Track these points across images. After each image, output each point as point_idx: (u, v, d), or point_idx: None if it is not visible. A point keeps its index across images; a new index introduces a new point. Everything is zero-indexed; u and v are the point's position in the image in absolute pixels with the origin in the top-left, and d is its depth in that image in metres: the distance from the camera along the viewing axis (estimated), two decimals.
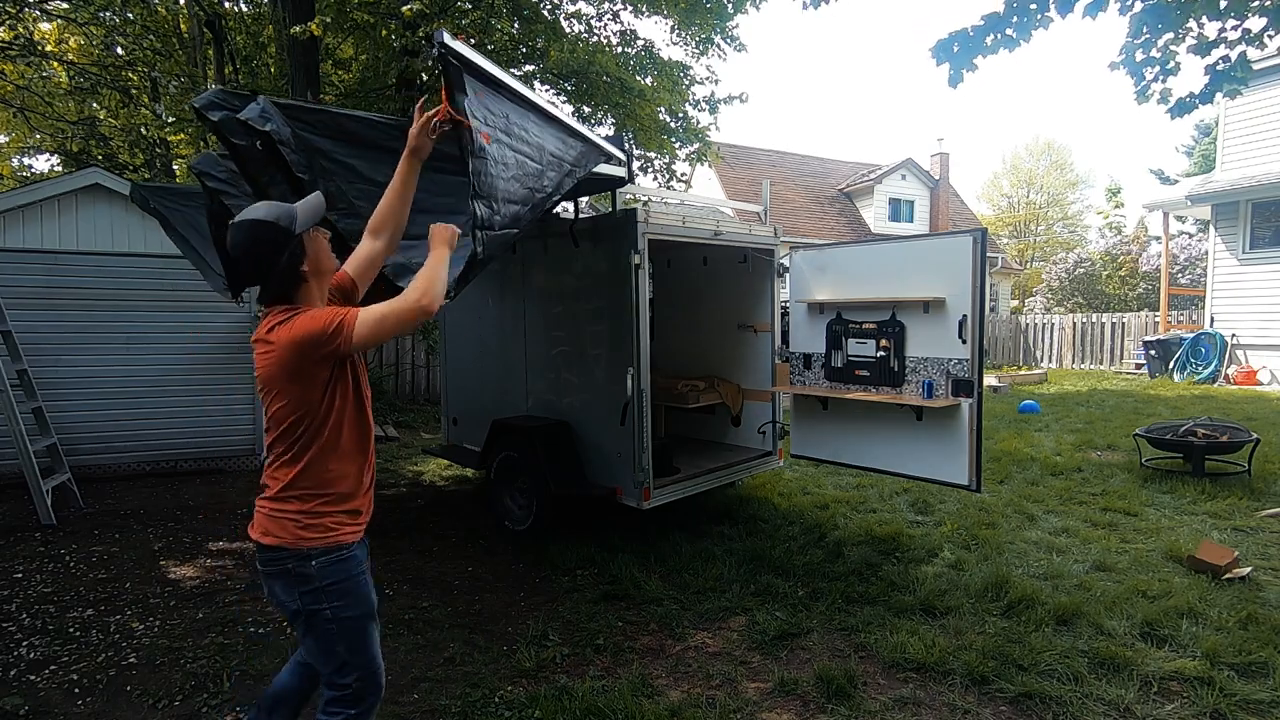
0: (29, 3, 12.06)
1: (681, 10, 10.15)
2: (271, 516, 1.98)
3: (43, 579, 4.27)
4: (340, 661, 2.02)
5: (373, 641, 2.09)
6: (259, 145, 2.60)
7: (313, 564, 1.96)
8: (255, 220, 1.98)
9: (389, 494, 6.39)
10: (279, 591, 2.00)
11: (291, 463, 1.97)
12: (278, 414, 1.95)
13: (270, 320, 1.98)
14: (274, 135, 2.57)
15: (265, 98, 2.66)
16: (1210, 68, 4.83)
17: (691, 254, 5.93)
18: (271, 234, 1.96)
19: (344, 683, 2.03)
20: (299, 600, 1.98)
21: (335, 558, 1.98)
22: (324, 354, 1.90)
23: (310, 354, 1.90)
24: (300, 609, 1.98)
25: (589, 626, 3.61)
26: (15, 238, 7.36)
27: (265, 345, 1.94)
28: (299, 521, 1.96)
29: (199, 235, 4.62)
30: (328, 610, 1.98)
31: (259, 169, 2.67)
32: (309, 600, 1.97)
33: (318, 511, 1.98)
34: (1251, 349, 13.18)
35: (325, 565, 1.97)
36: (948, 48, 4.92)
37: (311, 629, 2.00)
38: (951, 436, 4.35)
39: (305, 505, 1.97)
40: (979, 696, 2.97)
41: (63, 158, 16.38)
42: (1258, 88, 12.66)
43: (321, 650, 2.03)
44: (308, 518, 1.97)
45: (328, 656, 2.03)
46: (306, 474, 1.98)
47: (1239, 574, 4.06)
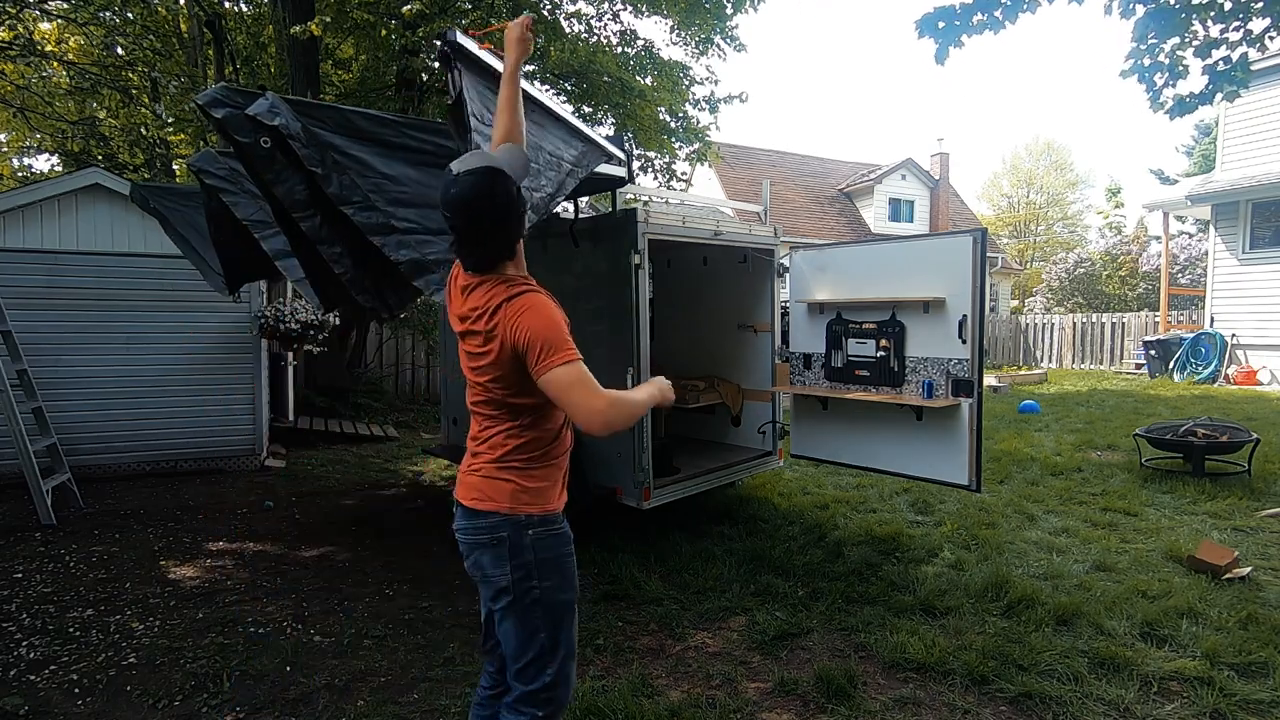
0: (29, 3, 12.06)
1: (681, 10, 10.15)
2: (490, 479, 1.82)
3: (43, 579, 4.27)
4: (540, 649, 1.84)
5: (575, 635, 1.92)
6: (264, 142, 2.59)
7: (529, 534, 1.81)
8: (495, 170, 1.74)
9: (389, 494, 6.39)
10: (488, 565, 1.82)
11: (514, 430, 1.83)
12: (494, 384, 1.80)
13: (490, 291, 1.78)
14: (283, 130, 2.56)
15: (273, 93, 2.65)
16: (1209, 68, 4.83)
17: (691, 254, 5.93)
18: (510, 188, 1.76)
19: (540, 676, 1.84)
20: (510, 574, 1.80)
21: (550, 531, 1.85)
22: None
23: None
24: (509, 584, 1.80)
25: (589, 626, 3.60)
26: (15, 238, 7.36)
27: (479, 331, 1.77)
28: (520, 486, 1.82)
29: (199, 235, 4.62)
30: (535, 588, 1.82)
31: (264, 166, 2.66)
32: (521, 574, 1.80)
33: (538, 478, 1.85)
34: (1251, 349, 13.18)
35: (540, 538, 1.82)
36: (933, 23, 4.92)
37: (519, 616, 1.81)
38: (951, 436, 4.35)
39: (527, 471, 1.84)
40: (979, 696, 2.97)
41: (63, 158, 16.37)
42: (1258, 88, 12.66)
43: (524, 635, 1.83)
44: (529, 482, 1.83)
45: (527, 644, 1.83)
46: (532, 437, 1.84)
47: (1239, 574, 4.06)
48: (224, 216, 3.67)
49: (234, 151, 2.88)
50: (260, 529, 5.29)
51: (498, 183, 1.74)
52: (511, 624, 1.83)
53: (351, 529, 5.30)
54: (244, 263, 4.31)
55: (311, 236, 2.74)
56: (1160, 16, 4.67)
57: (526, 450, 1.84)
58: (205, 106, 2.58)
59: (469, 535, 1.85)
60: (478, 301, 1.80)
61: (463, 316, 1.84)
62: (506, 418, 1.84)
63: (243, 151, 2.66)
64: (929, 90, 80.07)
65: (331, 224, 2.76)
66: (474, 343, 1.81)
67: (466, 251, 1.82)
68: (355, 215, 2.64)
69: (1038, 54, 72.80)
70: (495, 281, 1.81)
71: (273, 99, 2.62)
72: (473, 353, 1.83)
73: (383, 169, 2.88)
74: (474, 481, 1.85)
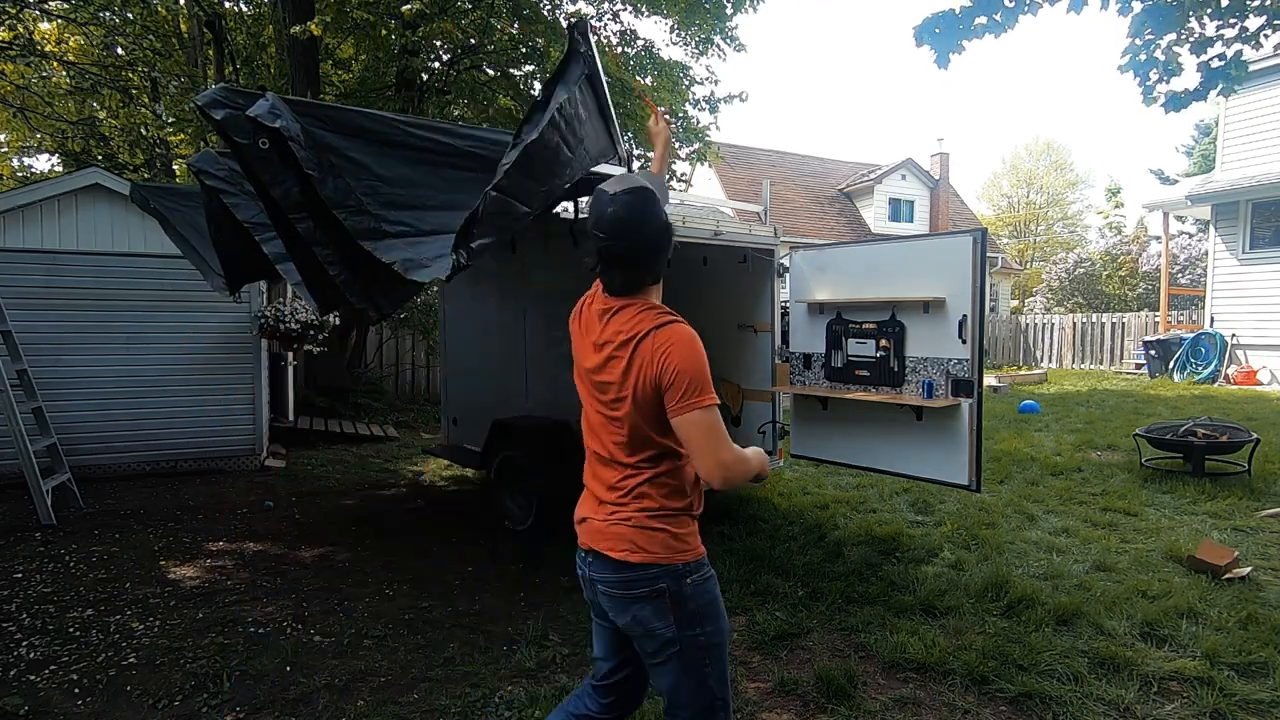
0: (29, 3, 12.06)
1: (681, 10, 10.15)
2: (642, 530, 1.74)
3: (43, 579, 4.27)
4: (711, 698, 1.76)
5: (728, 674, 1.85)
6: (262, 144, 2.59)
7: (688, 582, 1.76)
8: (652, 192, 1.73)
9: (389, 494, 6.39)
10: (650, 619, 1.74)
11: (660, 478, 1.78)
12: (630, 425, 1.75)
13: (636, 316, 1.74)
14: (284, 131, 2.55)
15: (274, 94, 2.65)
16: (1205, 65, 4.84)
17: (691, 254, 5.92)
18: (663, 212, 1.76)
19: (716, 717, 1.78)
20: (675, 626, 1.73)
21: (704, 575, 1.80)
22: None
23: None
24: (674, 636, 1.73)
25: (589, 626, 3.59)
26: (15, 238, 7.36)
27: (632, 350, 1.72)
28: (672, 534, 1.76)
29: (198, 235, 4.61)
30: (700, 635, 1.75)
31: (262, 168, 2.65)
32: (686, 623, 1.73)
33: (686, 523, 1.80)
34: (1251, 349, 13.18)
35: (698, 584, 1.77)
36: (929, 29, 4.92)
37: (683, 663, 1.74)
38: (951, 436, 4.35)
39: (678, 518, 1.78)
40: (979, 696, 2.97)
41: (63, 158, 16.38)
42: (1257, 88, 12.66)
43: (693, 684, 1.75)
44: (680, 528, 1.78)
45: (698, 692, 1.76)
46: (676, 485, 1.80)
47: (1239, 574, 4.06)
48: (224, 217, 3.67)
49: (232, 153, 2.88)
50: (260, 529, 5.29)
51: (655, 204, 1.75)
52: (677, 673, 1.76)
53: (351, 529, 5.30)
54: (244, 263, 4.31)
55: (306, 238, 2.74)
56: (1157, 13, 4.67)
57: (674, 499, 1.80)
58: (204, 108, 2.57)
59: (621, 589, 1.77)
60: (621, 325, 1.76)
61: (603, 343, 1.78)
62: (649, 466, 1.78)
63: (241, 153, 2.65)
64: (929, 90, 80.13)
65: (325, 227, 2.76)
66: (614, 369, 1.75)
67: (618, 272, 1.78)
68: (347, 220, 2.65)
69: (1037, 54, 72.84)
70: (641, 307, 1.77)
71: (273, 100, 2.62)
72: (610, 382, 1.76)
73: (379, 170, 2.90)
74: (623, 532, 1.76)
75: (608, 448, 1.83)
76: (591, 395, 1.86)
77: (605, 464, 1.85)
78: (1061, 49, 72.56)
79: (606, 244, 1.74)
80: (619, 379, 1.74)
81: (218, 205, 3.62)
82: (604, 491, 1.84)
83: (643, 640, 1.78)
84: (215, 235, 4.06)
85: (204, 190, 3.68)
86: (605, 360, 1.77)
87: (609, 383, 1.76)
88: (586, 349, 1.84)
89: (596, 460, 1.89)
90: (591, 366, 1.82)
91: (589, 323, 1.87)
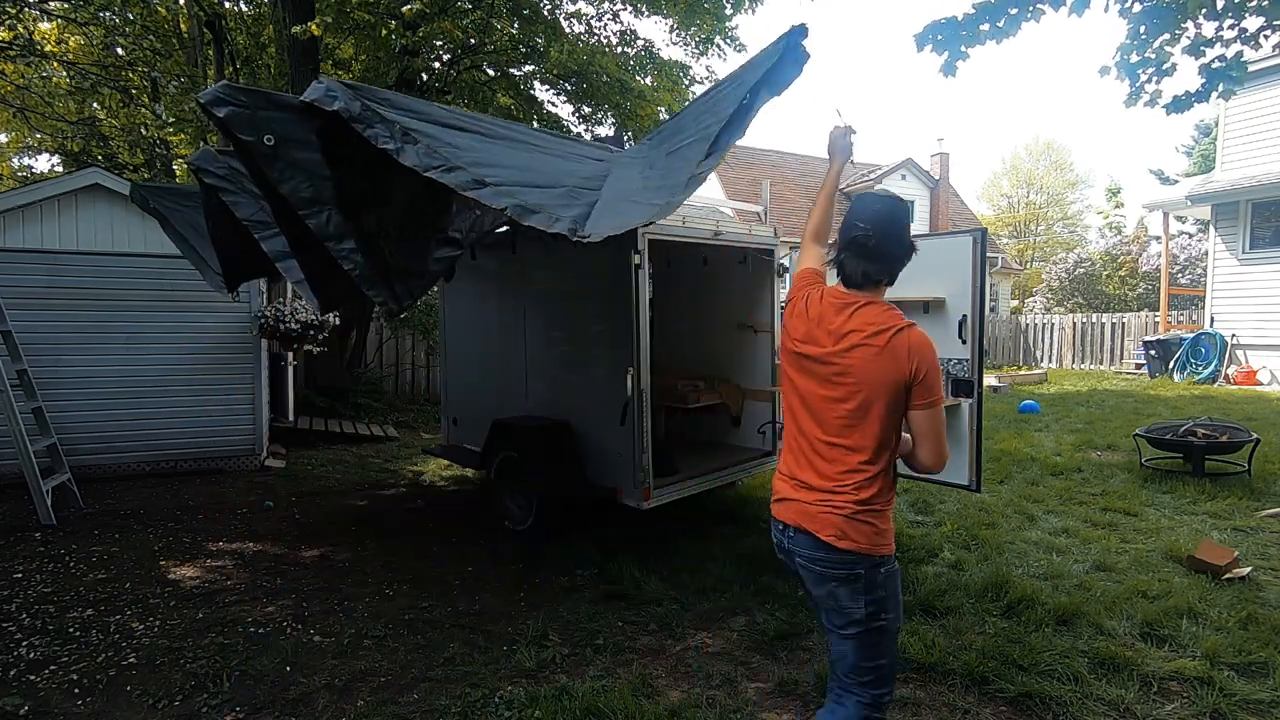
0: (29, 3, 12.06)
1: (681, 10, 10.16)
2: (851, 520, 1.91)
3: (43, 579, 4.27)
4: (883, 672, 2.01)
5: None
6: (267, 140, 2.57)
7: (881, 572, 1.94)
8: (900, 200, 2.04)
9: (389, 494, 6.39)
10: (844, 598, 1.94)
11: (878, 475, 1.94)
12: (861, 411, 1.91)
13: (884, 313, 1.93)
14: (344, 113, 2.50)
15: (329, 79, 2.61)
16: (1205, 67, 4.83)
17: (691, 254, 5.93)
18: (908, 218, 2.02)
19: (879, 693, 2.02)
20: (865, 608, 1.94)
21: (893, 568, 1.99)
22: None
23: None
24: (863, 617, 1.94)
25: (589, 626, 3.61)
26: (15, 238, 7.36)
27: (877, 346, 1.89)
28: (876, 529, 1.93)
29: (197, 234, 4.61)
30: (883, 620, 1.96)
31: (268, 164, 2.63)
32: (872, 610, 1.94)
33: (888, 519, 1.98)
34: (1251, 349, 13.18)
35: (888, 575, 1.96)
36: (932, 35, 4.91)
37: (865, 637, 1.97)
38: (951, 436, 4.35)
39: (883, 513, 1.95)
40: (979, 696, 2.97)
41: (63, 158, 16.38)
42: (1257, 88, 12.66)
43: (871, 659, 1.99)
44: (883, 523, 1.95)
45: (874, 666, 1.99)
46: (886, 482, 1.96)
47: (1239, 574, 4.06)
48: (223, 215, 3.67)
49: (235, 150, 2.86)
50: (260, 529, 5.29)
51: (908, 216, 2.03)
52: (855, 647, 1.99)
53: (351, 529, 5.30)
54: (243, 261, 4.31)
55: (319, 234, 2.72)
56: (1156, 14, 4.67)
57: (884, 495, 1.96)
58: (207, 105, 2.55)
59: (824, 567, 1.96)
60: (870, 319, 1.93)
61: (846, 332, 1.93)
62: (870, 459, 1.93)
63: (245, 150, 2.64)
64: (929, 90, 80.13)
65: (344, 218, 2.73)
66: (859, 356, 1.90)
67: (864, 263, 1.98)
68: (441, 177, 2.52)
69: (1038, 54, 72.84)
70: (884, 306, 1.98)
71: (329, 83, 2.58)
72: (852, 366, 1.91)
73: (449, 140, 2.81)
74: (834, 520, 1.93)
75: (829, 433, 1.97)
76: (812, 378, 2.00)
77: (820, 449, 1.99)
78: (1061, 49, 72.61)
79: (864, 234, 1.96)
80: (863, 364, 1.90)
81: (216, 203, 3.61)
82: (815, 477, 1.99)
83: (832, 613, 2.00)
84: (214, 232, 4.05)
85: (203, 188, 3.67)
86: (849, 348, 1.92)
87: (850, 367, 1.92)
88: (819, 336, 1.99)
89: (807, 445, 2.02)
90: (825, 353, 1.96)
91: (823, 314, 2.00)
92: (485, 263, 5.67)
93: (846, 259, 2.01)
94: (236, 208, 3.51)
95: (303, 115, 2.71)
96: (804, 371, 2.02)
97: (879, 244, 1.96)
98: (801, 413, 2.04)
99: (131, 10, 12.00)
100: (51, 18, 13.38)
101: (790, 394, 2.09)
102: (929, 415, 1.90)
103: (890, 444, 1.95)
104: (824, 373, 1.97)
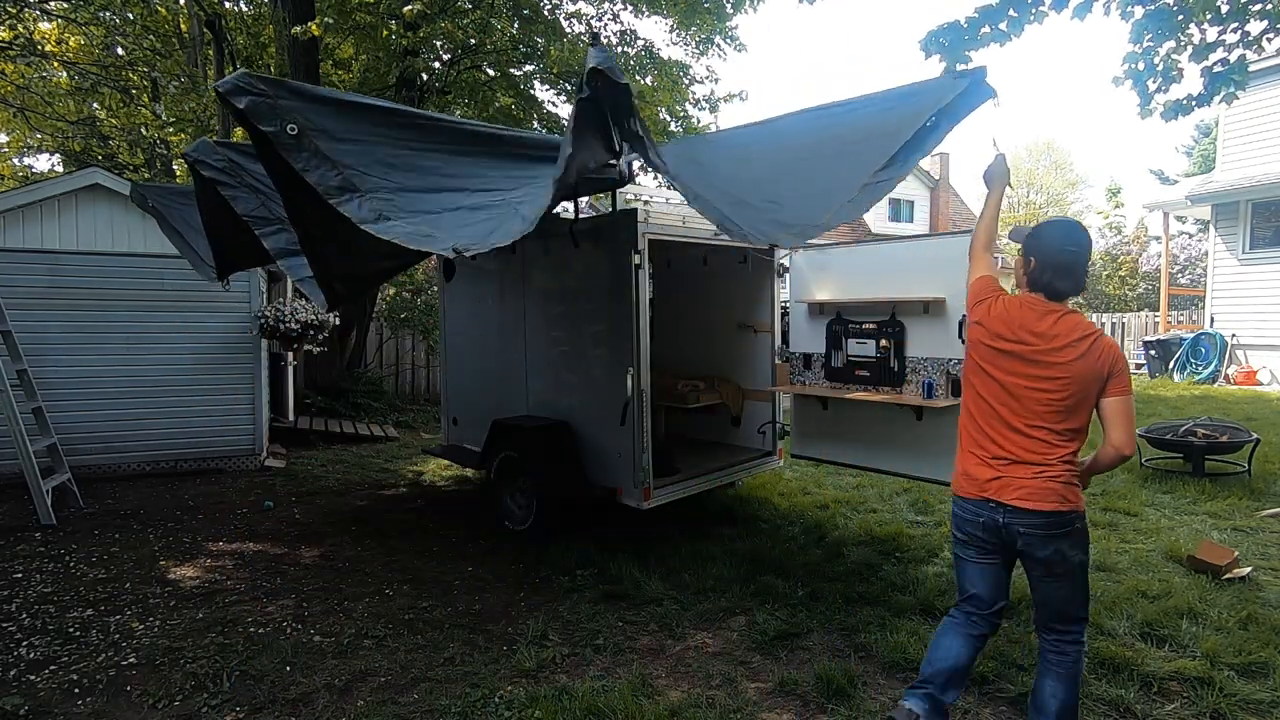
0: (29, 3, 12.06)
1: (681, 10, 10.16)
2: (1068, 486, 2.35)
3: (43, 579, 4.27)
4: (1086, 599, 2.47)
5: None
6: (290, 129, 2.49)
7: (1084, 521, 2.40)
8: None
9: (389, 494, 6.39)
10: (1066, 549, 2.36)
11: (1075, 452, 2.39)
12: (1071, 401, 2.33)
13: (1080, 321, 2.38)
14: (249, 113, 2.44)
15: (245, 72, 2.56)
16: (1207, 70, 4.83)
17: (691, 254, 5.93)
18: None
19: (1083, 615, 2.46)
20: (1082, 553, 2.40)
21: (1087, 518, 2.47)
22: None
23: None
24: (1081, 560, 2.39)
25: (589, 626, 3.61)
26: (15, 238, 7.36)
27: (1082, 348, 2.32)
28: (1077, 490, 2.39)
29: (192, 230, 4.59)
30: (1085, 559, 2.42)
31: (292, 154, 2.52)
32: (1083, 553, 2.40)
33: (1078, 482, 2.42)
34: (1251, 349, 13.17)
35: (1085, 524, 2.42)
36: (937, 40, 4.90)
37: (1078, 576, 2.41)
38: (952, 436, 4.33)
39: (1074, 476, 2.39)
40: (979, 696, 2.97)
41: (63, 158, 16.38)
42: (1257, 88, 12.65)
43: (1079, 592, 2.43)
44: (1079, 485, 2.42)
45: (1082, 597, 2.44)
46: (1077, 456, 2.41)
47: (1239, 574, 4.06)
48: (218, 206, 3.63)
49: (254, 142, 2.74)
50: (260, 529, 5.29)
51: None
52: (1071, 585, 2.41)
53: (351, 529, 5.30)
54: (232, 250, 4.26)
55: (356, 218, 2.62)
56: (1158, 18, 4.66)
57: (1076, 466, 2.41)
58: (226, 95, 2.44)
59: (1049, 529, 2.34)
60: (1073, 325, 2.36)
61: (1054, 334, 2.36)
62: (1071, 437, 2.37)
63: (266, 141, 2.54)
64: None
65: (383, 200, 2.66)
66: (1068, 355, 2.33)
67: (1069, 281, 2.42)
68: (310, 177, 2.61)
69: (1038, 54, 72.86)
70: (1079, 315, 2.41)
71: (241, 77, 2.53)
72: (1061, 363, 2.34)
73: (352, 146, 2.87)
74: (1054, 488, 2.34)
75: (1034, 418, 2.38)
76: (1016, 373, 2.41)
77: (1025, 430, 2.39)
78: (1061, 49, 72.61)
79: (1075, 257, 2.41)
80: (1070, 363, 2.32)
81: (212, 195, 3.57)
82: (1026, 454, 2.38)
83: (1055, 565, 2.37)
84: (208, 222, 4.00)
85: (198, 180, 3.61)
86: (1059, 348, 2.34)
87: (1059, 364, 2.34)
88: (1025, 336, 2.40)
89: (1009, 429, 2.42)
90: (1035, 351, 2.38)
91: (1024, 318, 2.42)
92: (485, 262, 5.67)
93: (1053, 277, 2.41)
94: (236, 202, 3.47)
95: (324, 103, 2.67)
96: (1005, 366, 2.42)
97: (1082, 266, 2.43)
98: (1003, 400, 2.43)
99: (131, 10, 12.00)
100: (51, 18, 13.38)
101: (986, 383, 2.47)
102: (1121, 402, 2.32)
103: (1083, 428, 2.38)
104: (1032, 370, 2.37)
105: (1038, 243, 2.46)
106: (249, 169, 3.54)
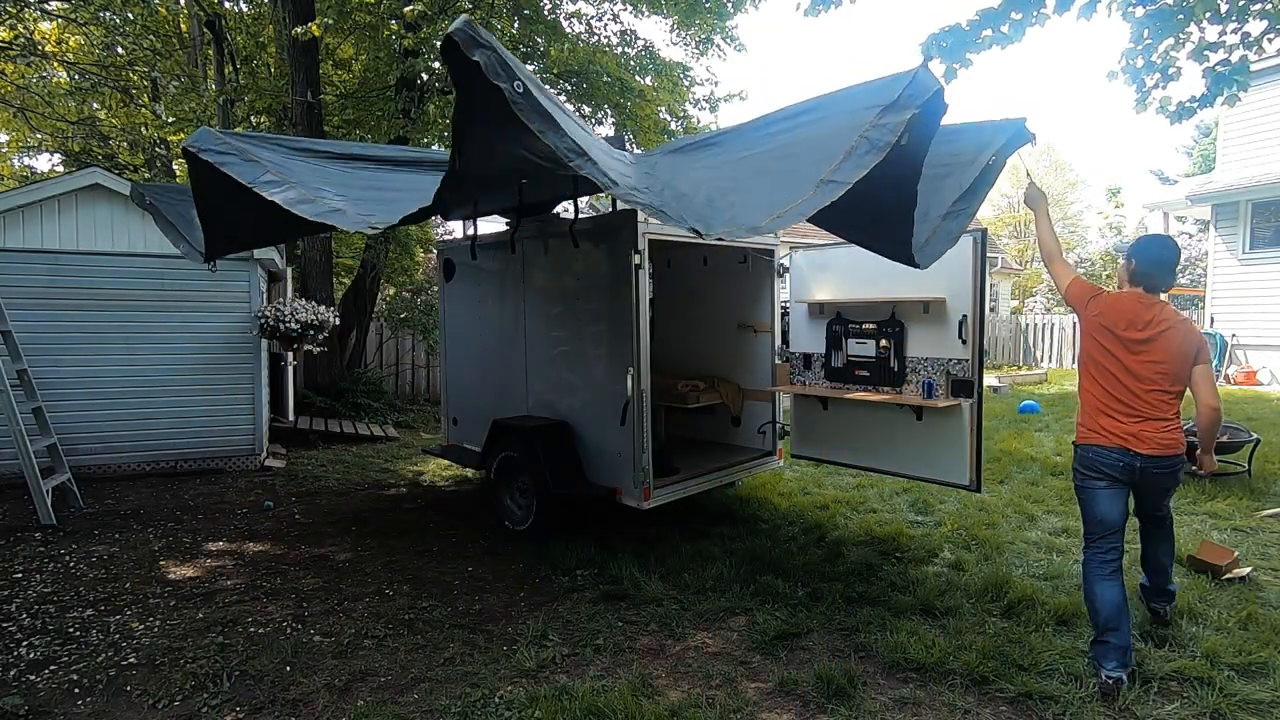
0: (29, 2, 12.06)
1: (681, 10, 10.16)
2: (1180, 433, 3.12)
3: (43, 579, 4.27)
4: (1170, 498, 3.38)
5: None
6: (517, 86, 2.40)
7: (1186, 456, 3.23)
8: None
9: (389, 494, 6.39)
10: (1178, 479, 3.25)
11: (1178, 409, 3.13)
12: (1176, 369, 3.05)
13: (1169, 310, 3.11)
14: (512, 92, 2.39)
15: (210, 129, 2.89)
16: (1210, 71, 4.83)
17: (691, 254, 5.93)
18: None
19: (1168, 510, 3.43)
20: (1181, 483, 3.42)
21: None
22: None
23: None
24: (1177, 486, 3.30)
25: (589, 626, 3.61)
26: (15, 238, 7.35)
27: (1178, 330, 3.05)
28: (1183, 434, 3.15)
29: (185, 222, 4.57)
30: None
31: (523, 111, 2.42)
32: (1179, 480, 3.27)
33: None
34: (1251, 349, 13.17)
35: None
36: (938, 43, 4.90)
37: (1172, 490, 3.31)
38: (952, 436, 4.35)
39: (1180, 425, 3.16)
40: (979, 696, 2.97)
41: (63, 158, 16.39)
42: (1257, 88, 12.63)
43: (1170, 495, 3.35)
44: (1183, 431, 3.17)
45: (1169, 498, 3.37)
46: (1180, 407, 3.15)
47: (1239, 574, 4.06)
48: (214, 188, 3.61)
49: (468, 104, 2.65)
50: (260, 529, 5.30)
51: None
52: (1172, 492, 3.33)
53: (351, 529, 5.30)
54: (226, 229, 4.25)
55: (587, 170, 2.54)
56: (1158, 17, 4.66)
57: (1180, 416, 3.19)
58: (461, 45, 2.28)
59: (1172, 468, 3.16)
60: (1167, 314, 3.09)
61: (1154, 321, 3.07)
62: (1176, 399, 3.11)
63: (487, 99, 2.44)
64: None
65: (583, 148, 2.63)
66: (1172, 337, 3.04)
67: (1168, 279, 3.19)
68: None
69: (1038, 54, 72.85)
70: (1169, 305, 3.15)
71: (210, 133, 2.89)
72: (1166, 346, 3.05)
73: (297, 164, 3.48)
74: (1177, 438, 3.11)
75: (1150, 385, 3.07)
76: (1133, 353, 3.09)
77: (1144, 396, 3.08)
78: (1061, 49, 72.62)
79: (1167, 260, 3.18)
80: (1169, 342, 3.04)
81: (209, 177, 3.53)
82: (1151, 411, 3.08)
83: (1172, 486, 3.27)
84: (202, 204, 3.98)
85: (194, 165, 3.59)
86: (1161, 332, 3.05)
87: (1164, 344, 3.05)
88: (1136, 324, 3.09)
89: (1130, 394, 3.10)
90: (1145, 335, 3.07)
91: (1130, 310, 3.12)
92: (485, 262, 5.67)
93: (1155, 276, 3.15)
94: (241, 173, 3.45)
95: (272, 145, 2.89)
96: (1125, 347, 3.09)
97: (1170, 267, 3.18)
98: (1124, 374, 3.10)
99: (131, 10, 11.99)
100: (51, 18, 13.37)
101: (1108, 361, 3.13)
102: (1208, 369, 3.09)
103: (1181, 392, 3.11)
104: (1145, 349, 3.06)
105: (1139, 250, 3.21)
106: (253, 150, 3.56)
